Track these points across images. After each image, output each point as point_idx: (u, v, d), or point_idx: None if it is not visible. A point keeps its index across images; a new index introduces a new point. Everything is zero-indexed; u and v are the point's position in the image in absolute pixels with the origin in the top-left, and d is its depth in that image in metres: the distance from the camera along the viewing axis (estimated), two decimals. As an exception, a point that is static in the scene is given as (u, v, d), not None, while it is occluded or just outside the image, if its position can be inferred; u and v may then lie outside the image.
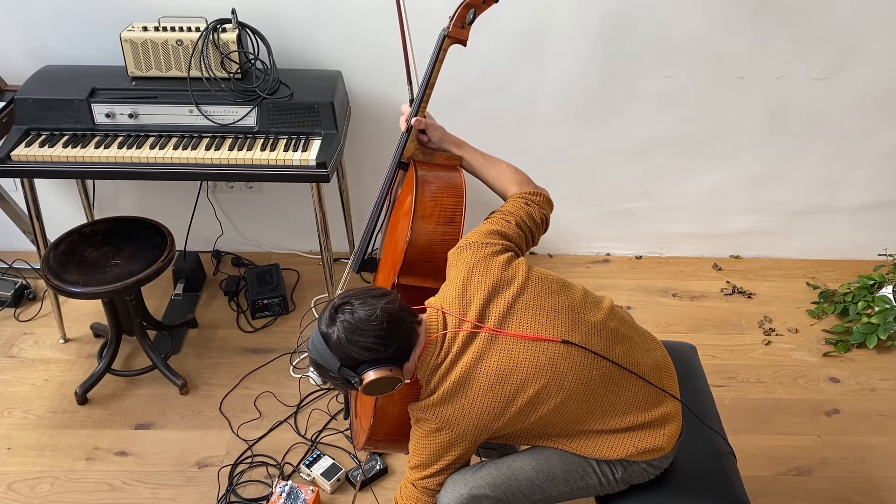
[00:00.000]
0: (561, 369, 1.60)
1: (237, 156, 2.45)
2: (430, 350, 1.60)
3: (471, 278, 1.65)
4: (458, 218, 1.82)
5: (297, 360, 2.83)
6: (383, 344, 1.53)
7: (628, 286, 3.21)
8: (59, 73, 2.67)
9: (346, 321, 1.52)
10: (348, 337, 1.52)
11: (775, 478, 2.44)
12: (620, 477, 1.72)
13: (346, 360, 1.53)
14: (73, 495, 2.36)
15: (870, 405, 2.69)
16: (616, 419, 1.67)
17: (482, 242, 1.70)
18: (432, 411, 1.61)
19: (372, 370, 1.53)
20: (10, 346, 2.87)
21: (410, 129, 1.94)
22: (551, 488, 1.72)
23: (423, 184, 1.83)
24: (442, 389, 1.59)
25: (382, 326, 1.52)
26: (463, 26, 1.89)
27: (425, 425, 1.64)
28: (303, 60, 2.80)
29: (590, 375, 1.62)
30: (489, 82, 2.88)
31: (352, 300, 1.55)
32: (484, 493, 1.69)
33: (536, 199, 1.84)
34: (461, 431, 1.60)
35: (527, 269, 1.68)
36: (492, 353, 1.59)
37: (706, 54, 2.81)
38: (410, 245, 1.80)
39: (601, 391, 1.64)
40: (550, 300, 1.64)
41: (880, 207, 3.20)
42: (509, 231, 1.75)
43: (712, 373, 2.78)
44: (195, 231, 3.17)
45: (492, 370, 1.58)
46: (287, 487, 2.29)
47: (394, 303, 1.56)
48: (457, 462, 1.66)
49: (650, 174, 3.13)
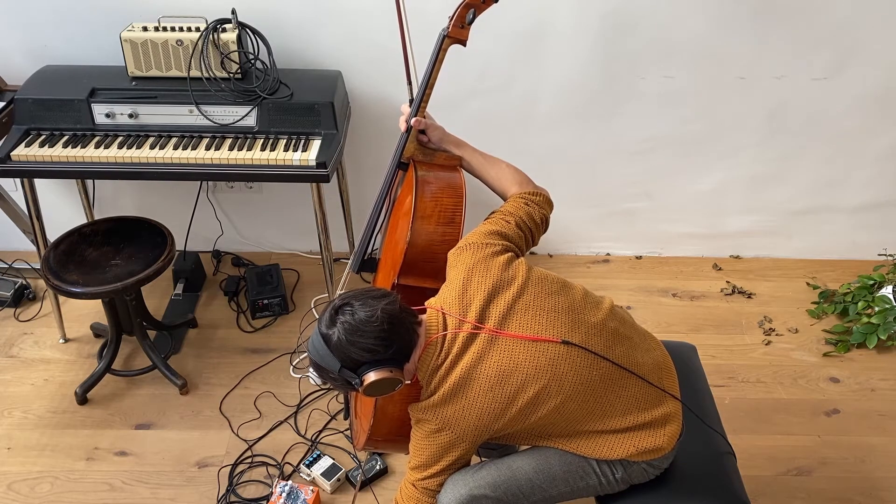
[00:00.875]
0: (561, 370, 1.60)
1: (237, 156, 2.45)
2: (430, 351, 1.60)
3: (471, 279, 1.65)
4: (458, 218, 1.82)
5: (297, 360, 2.83)
6: (384, 345, 1.52)
7: (628, 286, 3.21)
8: (59, 73, 2.67)
9: (347, 322, 1.52)
10: (349, 338, 1.51)
11: (775, 478, 2.44)
12: (620, 477, 1.72)
13: (347, 361, 1.53)
14: (73, 495, 2.36)
15: (870, 405, 2.69)
16: (616, 419, 1.67)
17: (482, 243, 1.70)
18: (432, 412, 1.61)
19: (372, 371, 1.53)
20: (10, 346, 2.87)
21: (410, 130, 1.93)
22: (551, 488, 1.72)
23: (423, 184, 1.83)
24: (442, 390, 1.59)
25: (383, 328, 1.52)
26: (463, 26, 1.89)
27: (426, 426, 1.64)
28: (303, 60, 2.80)
29: (590, 375, 1.62)
30: (489, 82, 2.88)
31: (352, 301, 1.55)
32: (484, 494, 1.69)
33: (536, 199, 1.84)
34: (461, 432, 1.60)
35: (527, 269, 1.68)
36: (492, 353, 1.59)
37: (706, 54, 2.81)
38: (410, 245, 1.79)
39: (601, 391, 1.64)
40: (550, 300, 1.64)
41: (880, 207, 3.20)
42: (509, 231, 1.75)
43: (712, 373, 2.78)
44: (195, 231, 3.17)
45: (492, 371, 1.58)
46: (287, 487, 2.29)
47: (394, 304, 1.55)
48: (457, 462, 1.66)
49: (650, 174, 3.13)
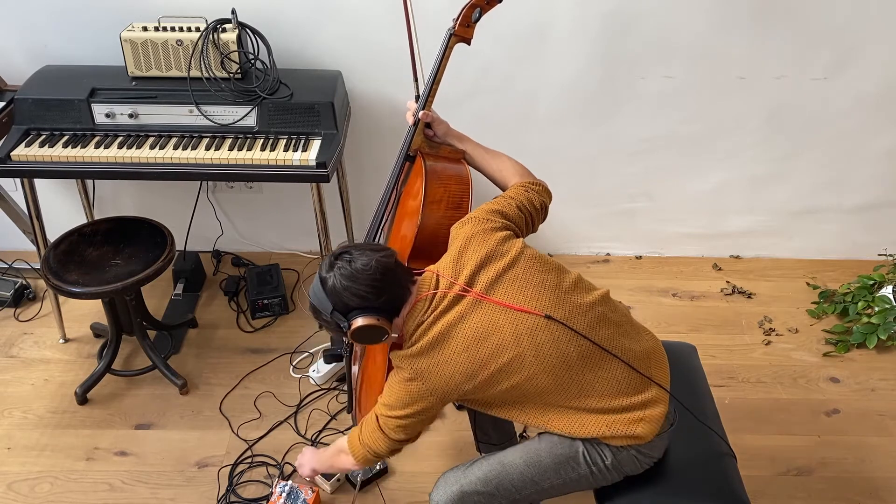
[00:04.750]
0: (538, 341, 1.63)
1: (237, 156, 2.45)
2: (418, 307, 1.67)
3: (468, 247, 1.72)
4: (466, 204, 1.91)
5: (297, 360, 2.83)
6: (374, 293, 1.60)
7: (628, 286, 3.21)
8: (59, 73, 2.67)
9: (343, 268, 1.61)
10: (342, 283, 1.60)
11: (775, 478, 2.44)
12: (610, 463, 1.72)
13: (339, 305, 1.61)
14: (73, 495, 2.36)
15: (870, 405, 2.69)
16: (592, 399, 1.68)
17: (484, 218, 1.77)
18: (408, 361, 1.66)
19: (361, 317, 1.60)
20: (10, 346, 2.87)
21: (418, 123, 2.01)
22: (543, 480, 1.73)
23: (432, 171, 1.92)
24: (421, 343, 1.65)
25: (376, 277, 1.60)
26: (468, 25, 1.96)
27: (401, 373, 1.69)
28: (303, 60, 2.80)
29: (567, 351, 1.65)
30: (489, 82, 2.88)
31: (352, 250, 1.64)
32: (475, 489, 1.73)
33: (536, 187, 1.91)
34: (431, 386, 1.65)
35: (522, 246, 1.74)
36: (473, 315, 1.64)
37: (706, 54, 2.81)
38: (421, 228, 1.87)
39: (578, 369, 1.66)
40: (539, 276, 1.70)
41: (880, 207, 3.20)
42: (510, 211, 1.81)
43: (712, 373, 2.78)
44: (195, 231, 3.17)
45: (470, 331, 1.63)
46: (287, 487, 2.29)
47: (390, 258, 1.64)
48: (421, 414, 1.69)
49: (650, 174, 3.13)
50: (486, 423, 2.21)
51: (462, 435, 2.55)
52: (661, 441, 1.75)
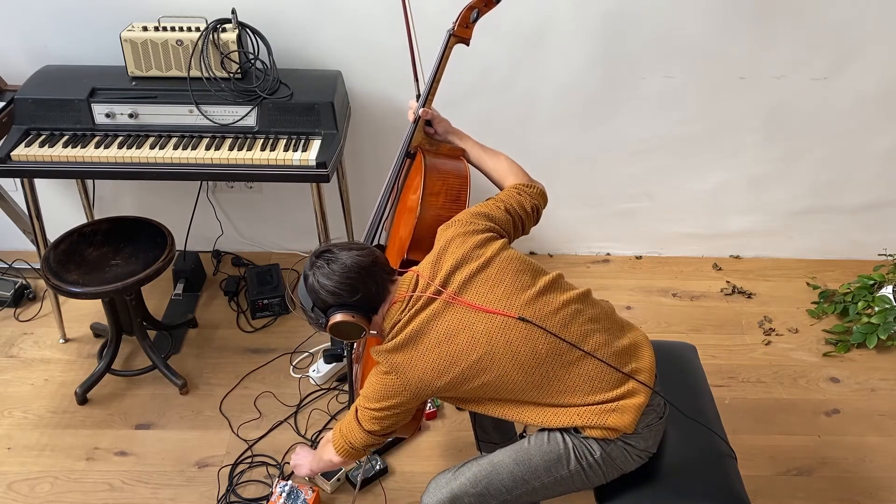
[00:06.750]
0: (509, 339, 1.66)
1: (237, 156, 2.45)
2: (396, 307, 1.71)
3: (447, 248, 1.76)
4: (464, 197, 1.95)
5: (297, 360, 2.83)
6: (348, 291, 1.66)
7: (628, 286, 3.21)
8: (59, 73, 2.67)
9: (322, 266, 1.67)
10: (320, 281, 1.67)
11: (775, 478, 2.44)
12: (600, 457, 1.71)
13: (318, 301, 1.68)
14: (73, 495, 2.36)
15: (870, 405, 2.69)
16: (567, 396, 1.69)
17: (467, 220, 1.81)
18: (385, 356, 1.71)
19: (339, 313, 1.66)
20: (10, 346, 2.87)
21: (419, 120, 2.04)
22: (533, 479, 1.74)
23: (432, 165, 1.97)
24: (397, 339, 1.69)
25: (350, 275, 1.66)
26: (467, 26, 2.00)
27: (379, 367, 1.74)
28: (303, 60, 2.80)
29: (537, 349, 1.67)
30: (490, 82, 2.88)
31: (333, 249, 1.70)
32: (465, 492, 1.75)
33: (530, 190, 1.92)
34: (406, 381, 1.69)
35: (499, 248, 1.76)
36: (445, 315, 1.69)
37: (706, 54, 2.81)
38: (420, 220, 1.90)
39: (549, 366, 1.68)
40: (511, 278, 1.72)
41: (880, 207, 3.20)
42: (497, 214, 1.84)
43: (712, 373, 2.78)
44: (195, 231, 3.17)
45: (442, 329, 1.67)
46: (287, 487, 2.29)
47: (369, 257, 1.69)
48: (396, 409, 1.73)
49: (650, 174, 3.13)
50: (486, 423, 2.21)
51: (462, 435, 2.55)
52: (651, 433, 1.74)
